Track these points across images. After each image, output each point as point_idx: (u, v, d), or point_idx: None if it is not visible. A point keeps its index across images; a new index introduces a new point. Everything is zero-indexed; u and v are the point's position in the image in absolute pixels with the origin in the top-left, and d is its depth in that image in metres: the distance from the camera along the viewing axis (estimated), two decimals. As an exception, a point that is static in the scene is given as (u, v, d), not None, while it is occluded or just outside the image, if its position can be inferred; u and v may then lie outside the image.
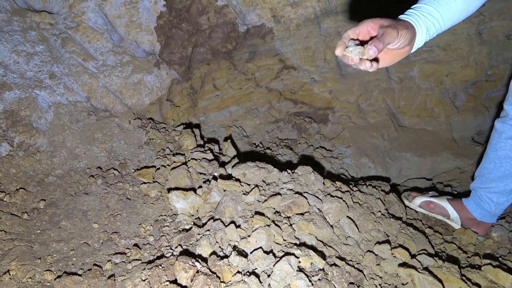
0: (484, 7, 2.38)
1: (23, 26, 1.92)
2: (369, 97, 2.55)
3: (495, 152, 1.74)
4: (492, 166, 1.77)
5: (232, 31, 2.25)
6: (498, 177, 1.76)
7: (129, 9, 2.05)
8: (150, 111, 2.14)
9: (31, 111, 1.76)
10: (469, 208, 1.92)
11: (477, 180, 1.87)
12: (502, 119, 1.70)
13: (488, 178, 1.79)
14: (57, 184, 1.65)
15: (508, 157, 1.70)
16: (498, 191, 1.79)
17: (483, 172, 1.82)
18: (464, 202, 1.95)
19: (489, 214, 1.87)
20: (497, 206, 1.83)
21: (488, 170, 1.79)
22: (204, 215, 1.54)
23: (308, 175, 1.72)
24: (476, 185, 1.86)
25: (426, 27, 1.07)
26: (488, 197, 1.82)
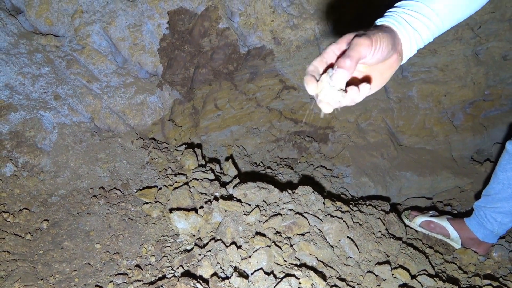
0: (480, 29, 2.44)
1: (30, 48, 1.97)
2: (369, 116, 2.59)
3: (505, 173, 1.76)
4: (500, 186, 1.79)
5: (233, 52, 2.29)
6: (505, 197, 1.78)
7: (133, 32, 2.10)
8: (152, 131, 2.17)
9: (35, 132, 1.79)
10: (471, 228, 1.93)
11: (482, 199, 1.88)
12: None
13: (495, 198, 1.81)
14: (60, 204, 1.67)
15: None
16: (503, 212, 1.80)
17: (490, 192, 1.83)
18: (466, 221, 1.97)
19: (491, 234, 1.88)
20: (501, 226, 1.84)
21: (495, 191, 1.81)
22: (205, 236, 1.55)
23: (308, 195, 1.74)
24: (481, 204, 1.88)
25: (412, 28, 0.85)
26: (493, 217, 1.83)
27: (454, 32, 2.41)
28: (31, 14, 2.02)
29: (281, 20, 2.27)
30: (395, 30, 0.84)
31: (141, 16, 2.12)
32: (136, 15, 2.11)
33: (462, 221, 2.00)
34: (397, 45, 0.83)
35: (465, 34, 2.43)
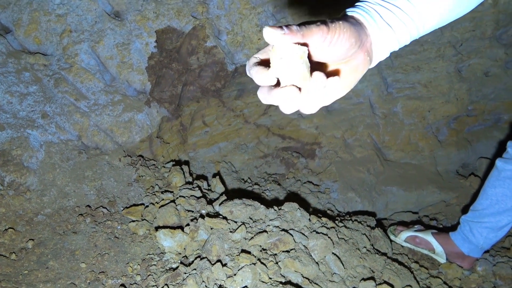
0: (462, 46, 2.50)
1: (18, 67, 1.98)
2: (355, 132, 2.63)
3: (494, 189, 1.80)
4: (488, 202, 1.82)
5: (221, 70, 2.33)
6: (492, 213, 1.82)
7: (121, 50, 2.13)
8: (140, 148, 2.18)
9: (22, 150, 1.80)
10: (456, 242, 1.96)
11: (470, 214, 1.92)
12: (505, 159, 1.77)
13: (482, 213, 1.85)
14: (46, 223, 1.66)
15: (505, 195, 1.77)
16: (490, 227, 1.84)
17: (478, 207, 1.87)
18: (451, 236, 1.99)
19: (476, 249, 1.91)
20: (486, 241, 1.87)
21: (483, 206, 1.85)
22: (191, 253, 1.56)
23: (294, 212, 1.75)
24: (468, 219, 1.91)
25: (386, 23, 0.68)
26: (479, 232, 1.86)
27: (436, 50, 2.48)
28: (19, 33, 2.04)
29: (267, 39, 2.31)
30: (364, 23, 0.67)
31: (129, 35, 2.15)
32: (124, 34, 2.14)
33: (447, 235, 2.02)
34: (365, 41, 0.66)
35: (447, 52, 2.50)
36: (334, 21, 0.62)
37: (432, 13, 0.69)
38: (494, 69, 2.59)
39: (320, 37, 0.60)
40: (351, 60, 0.66)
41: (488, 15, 2.38)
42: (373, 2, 0.69)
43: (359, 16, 0.67)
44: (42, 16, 2.03)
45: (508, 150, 1.76)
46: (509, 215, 1.78)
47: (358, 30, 0.65)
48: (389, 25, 0.68)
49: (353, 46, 0.64)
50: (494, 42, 2.51)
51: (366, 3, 0.70)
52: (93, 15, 2.09)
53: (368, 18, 0.67)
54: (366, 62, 0.68)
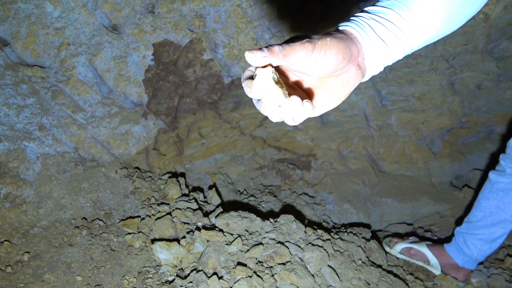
0: (454, 60, 2.55)
1: (15, 80, 1.99)
2: (350, 144, 2.65)
3: (487, 201, 1.83)
4: (482, 214, 1.85)
5: (217, 82, 2.35)
6: (486, 225, 1.84)
7: (119, 63, 2.15)
8: (136, 160, 2.19)
9: (19, 162, 1.80)
10: (451, 254, 1.97)
11: (464, 226, 1.94)
12: (498, 172, 1.80)
13: (476, 225, 1.87)
14: (42, 235, 1.66)
15: (498, 207, 1.80)
16: (484, 239, 1.86)
17: (472, 219, 1.89)
18: (446, 247, 2.01)
19: (470, 260, 1.92)
20: (480, 253, 1.89)
21: (477, 218, 1.87)
22: (187, 266, 1.56)
23: (290, 224, 1.76)
24: (463, 230, 1.93)
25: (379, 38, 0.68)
26: (473, 243, 1.88)
27: (429, 63, 2.52)
28: (17, 46, 2.05)
29: (263, 52, 2.34)
30: (358, 37, 0.68)
31: (126, 48, 2.17)
32: (122, 47, 2.16)
33: (441, 247, 2.04)
34: (356, 56, 0.68)
35: (440, 65, 2.54)
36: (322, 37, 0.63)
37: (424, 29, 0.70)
38: (486, 82, 2.63)
39: (305, 55, 0.62)
40: (342, 74, 0.68)
41: (479, 29, 2.43)
42: (366, 17, 0.70)
43: (352, 30, 0.69)
44: (40, 30, 2.05)
45: (500, 162, 1.79)
46: (503, 227, 1.80)
47: (348, 45, 0.65)
48: (383, 39, 0.68)
49: (340, 62, 0.65)
50: (486, 56, 2.56)
51: (360, 18, 0.70)
52: (91, 29, 2.11)
53: (361, 32, 0.68)
54: (357, 75, 0.69)
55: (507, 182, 1.76)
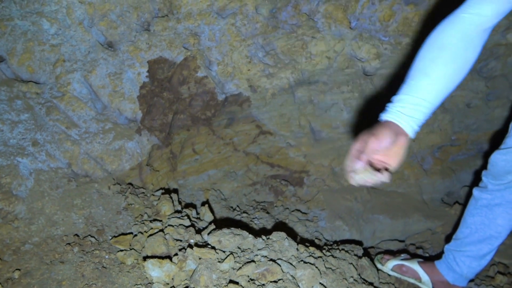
0: (444, 79, 2.60)
1: (10, 95, 2.01)
2: (342, 161, 2.67)
3: (472, 218, 1.85)
4: (468, 231, 1.86)
5: (211, 99, 2.38)
6: (472, 241, 1.85)
7: (113, 79, 2.17)
8: (130, 176, 2.20)
9: (11, 178, 1.80)
10: (441, 271, 1.98)
11: (452, 243, 1.95)
12: (480, 188, 1.83)
13: (463, 242, 1.88)
14: (34, 252, 1.65)
15: (483, 223, 1.81)
16: (472, 255, 1.86)
17: (459, 236, 1.91)
18: (437, 264, 2.02)
19: (461, 278, 1.93)
20: (469, 270, 1.89)
21: (464, 235, 1.88)
22: (179, 284, 1.56)
23: (282, 241, 1.77)
24: (451, 248, 1.94)
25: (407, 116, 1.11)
26: (462, 261, 1.89)
27: (420, 82, 2.57)
28: (13, 62, 2.07)
29: (257, 69, 2.38)
30: (396, 122, 1.12)
31: (121, 65, 2.20)
32: (117, 63, 2.19)
33: (432, 264, 2.05)
34: (400, 132, 1.11)
35: (430, 84, 2.58)
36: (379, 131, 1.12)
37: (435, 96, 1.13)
38: (476, 101, 2.69)
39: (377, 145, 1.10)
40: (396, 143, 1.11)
41: (468, 50, 2.48)
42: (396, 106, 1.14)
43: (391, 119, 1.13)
44: (36, 46, 2.07)
45: (483, 179, 1.81)
46: (489, 243, 1.82)
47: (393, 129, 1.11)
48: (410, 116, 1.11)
49: (393, 138, 1.10)
50: (475, 75, 2.61)
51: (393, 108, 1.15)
52: (86, 45, 2.14)
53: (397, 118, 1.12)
54: (405, 139, 1.12)
55: (490, 198, 1.78)
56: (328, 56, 2.42)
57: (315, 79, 2.50)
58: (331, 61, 2.45)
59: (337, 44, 2.41)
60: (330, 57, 2.43)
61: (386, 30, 2.41)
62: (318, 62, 2.43)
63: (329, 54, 2.42)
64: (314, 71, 2.45)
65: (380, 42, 2.44)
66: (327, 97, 2.55)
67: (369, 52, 2.44)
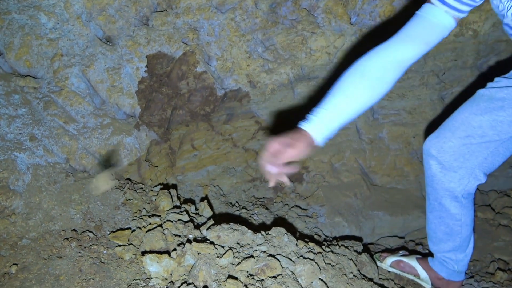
0: (444, 75, 2.59)
1: (7, 90, 1.99)
2: (342, 157, 2.66)
3: (432, 213, 1.78)
4: (434, 226, 1.80)
5: (210, 95, 2.36)
6: (442, 236, 1.78)
7: (112, 74, 2.16)
8: (128, 171, 2.18)
9: (9, 173, 1.78)
10: (435, 268, 1.94)
11: (429, 242, 1.90)
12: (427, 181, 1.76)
13: (436, 239, 1.82)
14: (31, 247, 1.64)
15: (440, 217, 1.74)
16: (450, 249, 1.80)
17: (430, 233, 1.85)
18: (430, 262, 1.97)
19: (454, 273, 1.88)
20: (458, 263, 1.84)
21: (432, 231, 1.82)
22: (177, 279, 1.55)
23: (281, 237, 1.76)
24: (432, 247, 1.89)
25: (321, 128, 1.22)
26: (446, 257, 1.84)
27: (420, 78, 2.56)
28: (10, 57, 2.06)
29: (256, 65, 2.37)
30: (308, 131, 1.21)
31: (120, 60, 2.18)
32: (115, 58, 2.17)
33: (427, 262, 2.02)
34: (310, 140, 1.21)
35: (430, 80, 2.58)
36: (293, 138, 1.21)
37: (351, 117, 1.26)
38: (476, 97, 2.67)
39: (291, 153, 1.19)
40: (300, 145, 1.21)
41: (469, 45, 2.47)
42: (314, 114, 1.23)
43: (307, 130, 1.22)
44: (34, 40, 2.05)
45: None
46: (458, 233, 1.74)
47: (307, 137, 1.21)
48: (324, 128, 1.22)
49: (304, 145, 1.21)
50: (476, 72, 2.60)
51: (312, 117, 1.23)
52: (84, 40, 2.12)
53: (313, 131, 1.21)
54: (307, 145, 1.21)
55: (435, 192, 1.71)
56: (328, 51, 2.41)
57: (315, 75, 2.48)
58: (331, 57, 2.44)
59: (337, 39, 2.39)
60: (330, 52, 2.42)
61: (386, 25, 2.40)
62: (318, 57, 2.41)
63: (329, 50, 2.41)
64: (314, 66, 2.44)
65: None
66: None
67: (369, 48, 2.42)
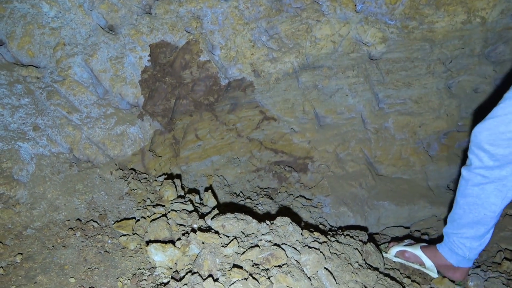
0: (451, 64, 2.55)
1: (10, 79, 1.98)
2: (347, 147, 2.64)
3: (464, 199, 1.75)
4: (462, 212, 1.77)
5: (214, 84, 2.34)
6: (468, 223, 1.77)
7: (115, 64, 2.14)
8: (132, 161, 2.17)
9: (12, 163, 1.78)
10: (444, 255, 1.91)
11: (449, 225, 1.88)
12: (468, 167, 1.72)
13: (459, 224, 1.80)
14: (35, 237, 1.64)
15: (475, 204, 1.72)
16: (469, 237, 1.79)
17: (454, 217, 1.83)
18: (439, 248, 1.95)
19: (464, 260, 1.86)
20: (471, 251, 1.82)
21: (458, 216, 1.80)
22: (182, 268, 1.54)
23: (286, 226, 1.75)
24: (449, 230, 1.87)
25: None
26: (461, 243, 1.82)
27: (426, 67, 2.52)
28: (12, 46, 2.04)
29: (260, 54, 2.34)
30: None
31: (123, 49, 2.16)
32: (118, 47, 2.15)
33: (435, 248, 2.00)
34: None
35: (437, 69, 2.54)
36: None
37: None
38: (483, 86, 2.64)
39: None
40: None
41: (476, 33, 2.43)
42: None
43: None
44: (36, 29, 2.04)
45: (469, 157, 1.70)
46: (485, 223, 1.73)
47: None
48: None
49: None
50: (483, 60, 2.56)
51: None
52: (87, 29, 2.10)
53: None
54: None
55: (479, 177, 1.67)
56: (333, 40, 2.38)
57: (319, 64, 2.46)
58: (336, 45, 2.41)
59: (342, 27, 2.36)
60: (335, 41, 2.38)
61: (392, 13, 2.36)
62: (323, 46, 2.38)
63: (334, 38, 2.38)
64: (319, 55, 2.41)
65: (386, 26, 2.39)
66: (332, 82, 2.51)
67: (374, 36, 2.39)
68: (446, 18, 2.36)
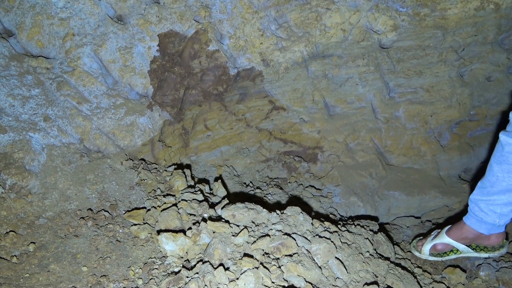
0: (464, 51, 2.51)
1: (20, 70, 1.98)
2: (357, 136, 2.62)
3: (499, 166, 1.67)
4: (494, 179, 1.70)
5: (223, 74, 2.33)
6: (500, 190, 1.69)
7: (124, 54, 2.13)
8: (142, 152, 2.18)
9: (24, 153, 1.79)
10: (472, 226, 1.84)
11: (477, 191, 1.79)
12: (507, 132, 1.64)
13: (490, 191, 1.72)
14: (48, 226, 1.66)
15: (510, 171, 1.64)
16: (501, 203, 1.71)
17: (486, 184, 1.74)
18: (465, 221, 1.88)
19: (494, 227, 1.79)
20: (502, 217, 1.75)
21: (490, 183, 1.72)
22: (193, 257, 1.55)
23: (296, 216, 1.74)
24: (477, 197, 1.79)
25: None
26: (491, 209, 1.74)
27: (438, 55, 2.48)
28: (22, 37, 2.04)
29: (269, 43, 2.32)
30: None
31: (132, 39, 2.15)
32: (127, 37, 2.15)
33: (461, 223, 1.90)
34: None
35: (449, 56, 2.50)
36: None
37: None
38: (496, 74, 2.59)
39: None
40: None
41: (490, 20, 2.38)
42: None
43: None
44: (45, 20, 2.03)
45: (510, 121, 1.62)
46: None
47: None
48: None
49: None
50: (496, 47, 2.52)
51: None
52: (96, 19, 2.10)
53: None
54: None
55: None
56: (343, 28, 2.35)
57: (329, 53, 2.43)
58: (346, 34, 2.37)
59: (352, 15, 2.33)
60: (345, 29, 2.35)
61: (403, 0, 2.32)
62: (333, 34, 2.35)
63: (344, 26, 2.35)
64: (329, 44, 2.38)
65: (398, 13, 2.35)
66: (341, 71, 2.48)
67: (385, 24, 2.35)
68: (459, 4, 2.31)
